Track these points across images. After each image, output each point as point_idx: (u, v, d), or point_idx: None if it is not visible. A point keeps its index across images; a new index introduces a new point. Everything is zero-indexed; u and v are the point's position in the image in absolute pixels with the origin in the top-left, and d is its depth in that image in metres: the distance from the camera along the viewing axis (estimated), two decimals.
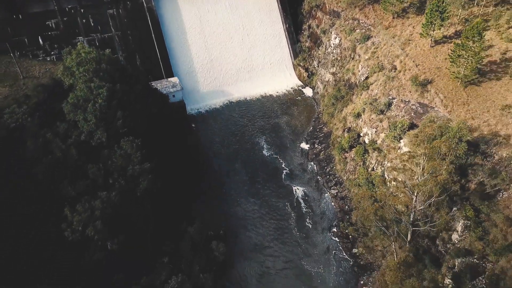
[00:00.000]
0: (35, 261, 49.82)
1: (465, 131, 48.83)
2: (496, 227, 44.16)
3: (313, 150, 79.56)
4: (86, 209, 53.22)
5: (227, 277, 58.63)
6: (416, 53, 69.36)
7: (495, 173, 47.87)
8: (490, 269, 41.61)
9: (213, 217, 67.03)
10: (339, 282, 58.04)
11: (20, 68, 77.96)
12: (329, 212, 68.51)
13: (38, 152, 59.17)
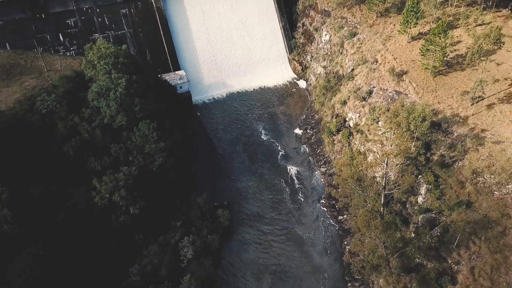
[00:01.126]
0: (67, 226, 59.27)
1: (428, 112, 58.66)
2: (451, 189, 54.20)
3: (305, 134, 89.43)
4: (112, 180, 62.86)
5: (231, 239, 68.57)
6: (395, 48, 79.20)
7: (453, 146, 57.91)
8: (444, 221, 51.60)
9: (218, 191, 76.83)
10: (326, 244, 68.00)
11: (44, 62, 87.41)
12: (318, 187, 78.44)
13: (68, 133, 68.98)
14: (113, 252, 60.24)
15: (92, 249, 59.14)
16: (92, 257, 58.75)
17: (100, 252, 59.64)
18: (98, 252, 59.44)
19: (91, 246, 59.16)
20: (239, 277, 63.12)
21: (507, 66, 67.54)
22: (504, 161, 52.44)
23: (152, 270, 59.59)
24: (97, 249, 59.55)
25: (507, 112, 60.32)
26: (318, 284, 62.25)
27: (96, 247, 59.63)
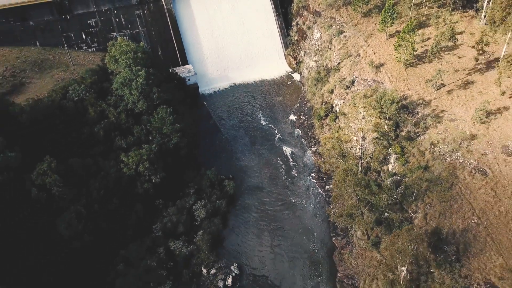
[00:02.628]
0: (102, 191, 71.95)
1: (396, 96, 71.56)
2: (414, 157, 67.24)
3: (299, 120, 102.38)
4: (136, 154, 75.61)
5: (235, 204, 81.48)
6: (375, 44, 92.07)
7: (417, 124, 70.93)
8: (406, 182, 64.63)
9: (224, 167, 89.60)
10: (316, 209, 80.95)
11: (70, 57, 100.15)
12: (309, 163, 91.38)
13: (98, 117, 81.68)
14: (139, 213, 73.18)
15: (123, 210, 72.09)
16: (123, 217, 71.75)
17: (129, 213, 72.63)
18: (127, 212, 72.42)
19: (122, 208, 72.11)
20: (243, 234, 76.08)
21: (466, 59, 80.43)
22: (456, 134, 65.51)
23: (171, 227, 72.57)
24: (126, 210, 72.53)
25: (462, 96, 73.27)
26: (309, 241, 75.03)
27: (126, 209, 72.62)
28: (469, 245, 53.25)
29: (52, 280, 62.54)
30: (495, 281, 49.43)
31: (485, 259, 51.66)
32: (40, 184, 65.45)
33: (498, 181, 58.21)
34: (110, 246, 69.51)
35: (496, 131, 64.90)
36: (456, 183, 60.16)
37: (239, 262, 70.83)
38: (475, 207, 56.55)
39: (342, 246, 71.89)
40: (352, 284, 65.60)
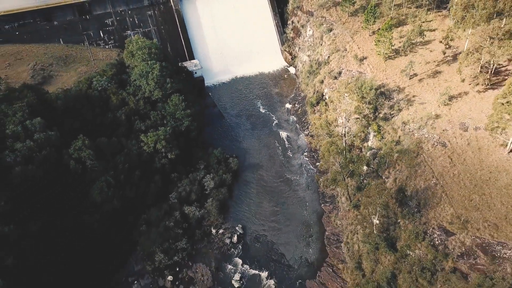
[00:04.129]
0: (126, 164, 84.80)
1: (375, 83, 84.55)
2: (388, 134, 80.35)
3: (294, 108, 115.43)
4: (154, 135, 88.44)
5: (238, 178, 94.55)
6: (359, 40, 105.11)
7: (392, 107, 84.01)
8: (380, 153, 77.76)
9: (228, 148, 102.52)
10: (308, 182, 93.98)
11: (90, 53, 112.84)
12: (303, 145, 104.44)
13: (119, 104, 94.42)
14: (157, 183, 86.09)
15: (144, 181, 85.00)
16: (144, 187, 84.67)
17: (149, 183, 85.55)
18: (147, 183, 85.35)
19: (143, 179, 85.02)
20: (246, 202, 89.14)
21: (436, 53, 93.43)
22: (423, 115, 78.64)
23: (185, 195, 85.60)
24: (147, 182, 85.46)
25: (431, 83, 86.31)
26: (302, 208, 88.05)
27: (146, 180, 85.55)
28: (428, 200, 66.41)
29: (89, 236, 75.55)
30: (446, 226, 62.56)
31: (439, 210, 64.79)
32: (76, 157, 78.24)
33: (454, 151, 71.40)
34: (134, 210, 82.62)
35: (456, 111, 78.03)
36: (421, 153, 73.31)
37: (243, 224, 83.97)
38: (434, 171, 69.72)
39: (329, 210, 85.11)
40: (337, 240, 78.81)
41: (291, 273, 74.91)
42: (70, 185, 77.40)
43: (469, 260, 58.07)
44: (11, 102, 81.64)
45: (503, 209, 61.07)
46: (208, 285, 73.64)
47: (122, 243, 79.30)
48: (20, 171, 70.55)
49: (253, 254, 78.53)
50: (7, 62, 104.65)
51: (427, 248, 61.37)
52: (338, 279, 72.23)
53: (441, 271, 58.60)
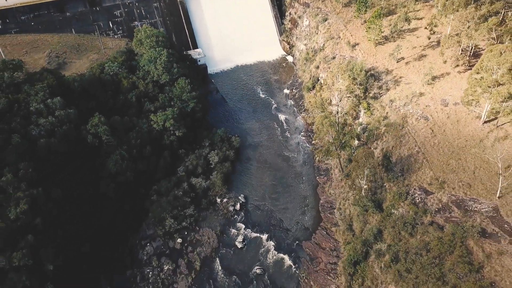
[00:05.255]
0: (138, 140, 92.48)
1: (364, 65, 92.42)
2: (377, 110, 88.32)
3: (291, 93, 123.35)
4: (163, 114, 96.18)
5: (240, 155, 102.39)
6: (352, 28, 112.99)
7: (381, 87, 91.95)
8: (370, 128, 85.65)
9: (230, 129, 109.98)
10: (304, 158, 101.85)
11: (101, 42, 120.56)
12: (300, 126, 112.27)
13: (130, 87, 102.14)
14: (166, 158, 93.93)
15: (154, 156, 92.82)
16: (154, 161, 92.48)
17: (159, 158, 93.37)
18: (157, 158, 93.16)
19: (153, 154, 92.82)
20: (247, 176, 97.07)
21: (422, 38, 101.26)
22: (409, 93, 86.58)
23: (192, 169, 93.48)
24: (157, 156, 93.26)
25: (417, 66, 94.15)
26: (299, 182, 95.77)
27: (156, 155, 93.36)
28: (410, 165, 74.37)
29: (105, 204, 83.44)
30: (426, 186, 70.53)
31: (420, 173, 72.74)
32: (93, 133, 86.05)
33: (435, 123, 79.39)
34: (145, 182, 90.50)
35: (438, 89, 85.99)
36: (406, 126, 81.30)
37: (245, 194, 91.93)
38: (417, 141, 77.69)
39: (324, 182, 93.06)
40: (331, 207, 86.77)
41: (289, 235, 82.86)
42: (88, 157, 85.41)
43: (445, 214, 66.07)
44: (33, 84, 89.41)
45: (476, 171, 69.11)
46: (213, 246, 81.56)
47: (135, 211, 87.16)
48: (44, 143, 78.40)
49: (254, 220, 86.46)
50: (24, 50, 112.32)
51: (409, 206, 69.31)
52: (331, 240, 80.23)
53: (421, 224, 66.53)
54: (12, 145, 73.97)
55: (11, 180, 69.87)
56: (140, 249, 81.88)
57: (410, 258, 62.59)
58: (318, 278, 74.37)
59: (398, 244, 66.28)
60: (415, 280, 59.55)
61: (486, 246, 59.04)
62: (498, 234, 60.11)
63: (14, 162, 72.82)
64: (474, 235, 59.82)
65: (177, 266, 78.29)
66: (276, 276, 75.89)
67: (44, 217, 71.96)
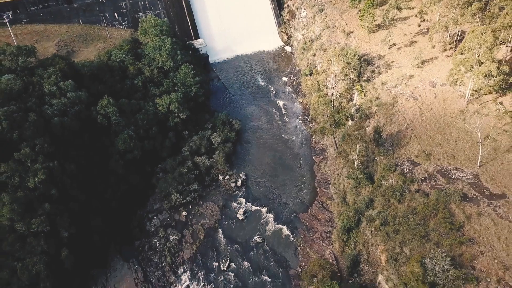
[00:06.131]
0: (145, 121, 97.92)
1: (358, 50, 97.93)
2: (370, 92, 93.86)
3: (290, 80, 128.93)
4: (168, 98, 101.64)
5: (241, 137, 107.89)
6: (347, 17, 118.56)
7: (374, 71, 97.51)
8: (363, 108, 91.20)
9: (231, 114, 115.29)
10: (302, 140, 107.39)
11: (107, 32, 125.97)
12: (297, 111, 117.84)
13: (136, 73, 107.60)
14: (171, 139, 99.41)
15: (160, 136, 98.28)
16: (160, 141, 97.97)
17: (164, 139, 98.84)
18: (163, 138, 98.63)
19: (159, 135, 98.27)
20: (248, 156, 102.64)
21: (413, 26, 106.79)
22: (399, 75, 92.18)
23: (195, 149, 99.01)
24: (162, 137, 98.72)
25: (407, 51, 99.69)
26: (297, 162, 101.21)
27: (162, 136, 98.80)
28: (400, 140, 79.93)
29: (114, 180, 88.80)
30: (414, 158, 76.06)
31: (409, 147, 78.29)
32: (103, 113, 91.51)
33: (423, 102, 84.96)
34: (152, 161, 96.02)
35: (427, 72, 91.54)
36: (396, 106, 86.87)
37: (246, 172, 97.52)
38: (406, 119, 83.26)
39: (319, 161, 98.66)
40: (326, 182, 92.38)
41: (287, 208, 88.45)
42: (98, 136, 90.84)
43: (430, 182, 71.61)
44: (45, 68, 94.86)
45: (460, 144, 74.75)
46: (216, 218, 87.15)
47: (142, 187, 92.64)
48: (57, 121, 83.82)
49: (254, 195, 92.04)
50: (34, 39, 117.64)
51: (397, 176, 74.85)
52: (326, 212, 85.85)
53: (408, 192, 72.03)
54: (29, 122, 79.29)
55: (28, 153, 75.31)
56: (148, 222, 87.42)
57: (398, 221, 68.08)
58: (314, 245, 79.95)
59: (387, 210, 71.84)
60: (401, 239, 65.07)
61: (467, 208, 64.49)
62: (478, 198, 65.61)
63: (31, 138, 78.21)
64: (456, 199, 65.21)
65: (182, 236, 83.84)
66: (275, 244, 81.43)
67: (59, 189, 77.38)
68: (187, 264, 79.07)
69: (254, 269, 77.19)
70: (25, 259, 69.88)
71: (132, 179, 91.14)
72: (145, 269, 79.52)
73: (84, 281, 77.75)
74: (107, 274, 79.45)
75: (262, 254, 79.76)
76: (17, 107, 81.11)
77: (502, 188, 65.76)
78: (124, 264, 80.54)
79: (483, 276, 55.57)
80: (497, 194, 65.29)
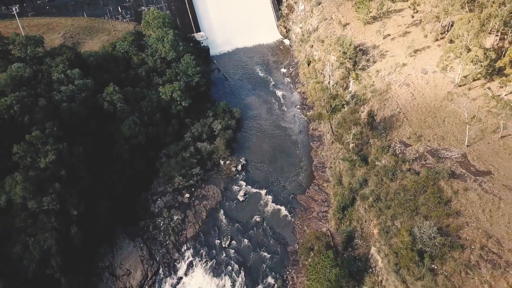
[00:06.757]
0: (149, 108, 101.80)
1: (354, 40, 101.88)
2: (365, 79, 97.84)
3: (288, 71, 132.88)
4: (170, 86, 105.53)
5: (241, 125, 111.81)
6: (344, 10, 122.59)
7: (369, 60, 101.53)
8: (358, 95, 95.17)
9: (231, 103, 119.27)
10: (300, 128, 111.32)
11: (110, 25, 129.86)
12: (296, 100, 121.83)
13: (140, 63, 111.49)
14: (174, 126, 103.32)
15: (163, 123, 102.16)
16: (163, 128, 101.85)
17: (167, 126, 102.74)
18: (166, 125, 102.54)
19: (162, 122, 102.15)
20: (248, 142, 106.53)
21: (407, 18, 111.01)
22: (393, 64, 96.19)
23: (197, 135, 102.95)
24: (165, 124, 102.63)
25: (401, 41, 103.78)
26: (294, 148, 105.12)
27: (165, 123, 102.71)
28: (392, 124, 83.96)
29: (119, 166, 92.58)
30: (405, 140, 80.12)
31: (401, 130, 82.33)
32: (109, 100, 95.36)
33: (415, 88, 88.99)
34: (155, 147, 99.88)
35: (420, 60, 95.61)
36: (389, 92, 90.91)
37: (246, 157, 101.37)
38: (399, 104, 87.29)
39: (317, 146, 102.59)
40: (323, 166, 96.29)
41: (285, 191, 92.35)
42: (104, 122, 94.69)
43: (421, 161, 75.66)
44: (53, 57, 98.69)
45: (449, 126, 78.82)
46: (218, 199, 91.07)
47: (146, 171, 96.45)
48: (66, 107, 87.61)
49: (254, 179, 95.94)
50: (41, 31, 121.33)
51: (390, 157, 78.88)
52: (323, 193, 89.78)
53: (400, 171, 76.05)
54: (39, 107, 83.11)
55: (39, 136, 79.13)
56: (152, 203, 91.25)
57: (390, 197, 72.13)
58: (311, 223, 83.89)
59: (380, 188, 75.83)
60: (393, 213, 69.07)
61: (454, 184, 68.52)
62: (465, 175, 69.65)
63: (41, 121, 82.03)
64: (445, 176, 69.24)
65: (185, 216, 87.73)
66: (273, 223, 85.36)
67: (68, 171, 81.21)
68: (190, 242, 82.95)
69: (254, 246, 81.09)
70: (36, 235, 73.68)
71: (136, 164, 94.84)
72: (150, 247, 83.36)
73: (91, 258, 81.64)
74: (114, 252, 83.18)
75: (261, 232, 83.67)
76: (27, 92, 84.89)
77: (488, 165, 69.80)
78: (130, 243, 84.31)
79: (468, 244, 59.55)
80: (483, 171, 69.34)
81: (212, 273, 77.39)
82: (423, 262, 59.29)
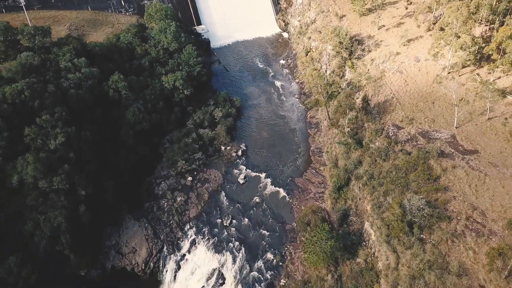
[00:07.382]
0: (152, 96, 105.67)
1: (350, 30, 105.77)
2: (360, 68, 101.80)
3: (287, 63, 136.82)
4: (173, 76, 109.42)
5: (241, 113, 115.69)
6: (340, 2, 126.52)
7: (364, 49, 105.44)
8: (354, 82, 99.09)
9: (232, 93, 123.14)
10: (298, 116, 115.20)
11: (114, 18, 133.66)
12: (294, 90, 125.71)
13: (143, 53, 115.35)
14: (176, 113, 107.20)
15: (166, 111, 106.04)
16: (166, 115, 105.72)
17: (170, 113, 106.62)
18: (169, 113, 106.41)
19: (165, 109, 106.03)
20: (248, 130, 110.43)
21: (401, 10, 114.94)
22: (387, 53, 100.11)
23: (199, 122, 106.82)
24: (168, 111, 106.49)
25: (395, 31, 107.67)
26: (293, 135, 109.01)
27: (168, 110, 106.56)
28: (386, 108, 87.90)
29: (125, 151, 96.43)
30: (398, 123, 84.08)
31: (394, 114, 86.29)
32: (114, 88, 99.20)
33: (408, 75, 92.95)
34: (159, 133, 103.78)
35: (413, 49, 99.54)
36: (383, 79, 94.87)
37: (246, 144, 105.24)
38: (392, 90, 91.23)
39: (314, 133, 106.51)
40: (320, 151, 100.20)
41: (284, 174, 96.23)
42: (109, 109, 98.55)
43: (412, 142, 79.61)
44: (60, 47, 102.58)
45: (439, 109, 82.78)
46: (219, 182, 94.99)
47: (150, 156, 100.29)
48: (73, 93, 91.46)
49: (254, 163, 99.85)
50: (47, 23, 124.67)
51: (383, 139, 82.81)
52: (320, 176, 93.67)
53: (392, 152, 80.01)
54: (48, 93, 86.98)
55: (49, 119, 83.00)
56: (156, 186, 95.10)
57: (383, 175, 76.10)
58: (308, 204, 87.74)
59: (374, 168, 79.78)
60: (385, 189, 73.01)
61: (443, 163, 72.46)
62: (453, 154, 73.60)
63: (50, 106, 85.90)
64: (434, 155, 73.16)
65: (188, 198, 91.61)
66: (272, 204, 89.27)
67: (76, 153, 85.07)
68: (193, 222, 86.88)
69: (253, 225, 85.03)
70: (47, 213, 77.56)
71: (141, 149, 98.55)
72: (154, 227, 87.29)
73: (98, 238, 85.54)
74: (120, 232, 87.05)
75: (261, 212, 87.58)
76: (37, 79, 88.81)
77: (475, 145, 73.77)
78: (135, 223, 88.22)
79: (454, 215, 63.52)
80: (470, 150, 73.32)
81: (214, 250, 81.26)
82: (412, 232, 63.26)
